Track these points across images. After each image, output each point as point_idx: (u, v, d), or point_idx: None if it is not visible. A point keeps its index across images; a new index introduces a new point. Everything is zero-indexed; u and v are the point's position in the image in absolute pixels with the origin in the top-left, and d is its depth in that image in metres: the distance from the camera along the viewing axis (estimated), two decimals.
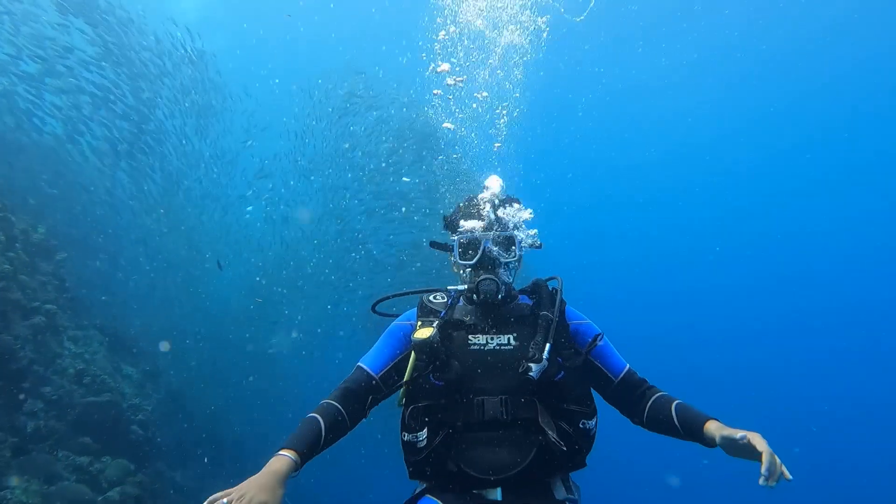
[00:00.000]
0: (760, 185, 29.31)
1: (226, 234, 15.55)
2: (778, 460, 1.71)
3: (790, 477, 1.70)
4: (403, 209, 12.79)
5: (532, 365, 2.00)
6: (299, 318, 14.94)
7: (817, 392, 25.50)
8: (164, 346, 11.39)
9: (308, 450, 1.88)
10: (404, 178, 12.54)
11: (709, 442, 1.94)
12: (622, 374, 2.23)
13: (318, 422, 1.96)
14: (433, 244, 2.38)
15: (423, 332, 2.06)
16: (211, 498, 1.61)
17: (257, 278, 15.15)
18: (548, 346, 2.04)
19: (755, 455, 1.73)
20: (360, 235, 13.73)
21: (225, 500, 1.60)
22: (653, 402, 2.16)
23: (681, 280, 30.82)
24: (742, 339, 27.77)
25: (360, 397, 2.12)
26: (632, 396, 2.22)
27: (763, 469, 1.67)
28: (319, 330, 15.50)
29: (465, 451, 2.04)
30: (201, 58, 13.81)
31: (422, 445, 2.06)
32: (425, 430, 2.06)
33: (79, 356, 8.73)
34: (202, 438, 11.58)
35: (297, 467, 1.82)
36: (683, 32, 22.51)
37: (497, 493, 2.03)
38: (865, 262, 29.11)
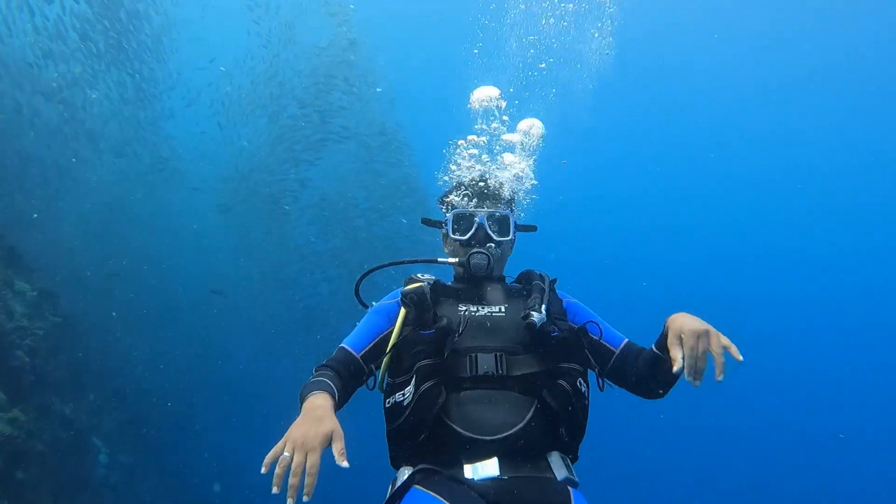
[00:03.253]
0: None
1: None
2: (711, 344, 1.66)
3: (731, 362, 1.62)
4: None
5: (534, 313, 1.92)
6: None
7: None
8: None
9: (335, 393, 1.75)
10: None
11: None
12: (622, 345, 2.11)
13: (328, 380, 1.81)
14: (425, 221, 2.30)
15: (414, 284, 1.98)
16: (266, 461, 1.42)
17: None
18: (544, 306, 1.98)
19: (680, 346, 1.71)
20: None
21: (286, 453, 1.42)
22: (642, 357, 2.04)
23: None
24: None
25: (345, 380, 1.93)
26: (635, 362, 2.08)
27: (678, 367, 1.69)
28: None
29: (455, 407, 1.84)
30: None
31: (407, 402, 1.85)
32: (412, 384, 1.85)
33: None
34: (101, 371, 10.66)
35: (335, 402, 1.70)
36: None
37: (494, 466, 1.77)
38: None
